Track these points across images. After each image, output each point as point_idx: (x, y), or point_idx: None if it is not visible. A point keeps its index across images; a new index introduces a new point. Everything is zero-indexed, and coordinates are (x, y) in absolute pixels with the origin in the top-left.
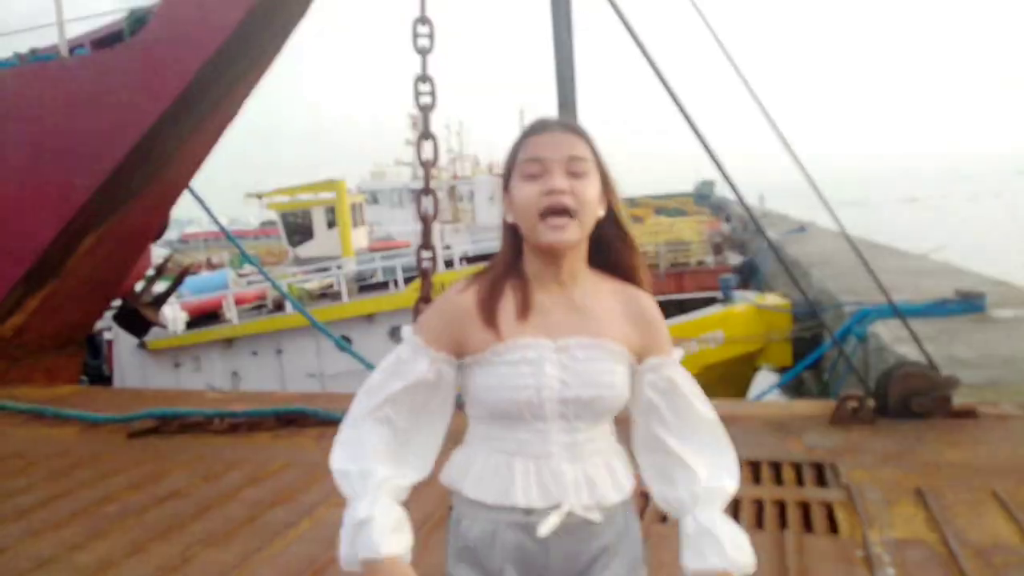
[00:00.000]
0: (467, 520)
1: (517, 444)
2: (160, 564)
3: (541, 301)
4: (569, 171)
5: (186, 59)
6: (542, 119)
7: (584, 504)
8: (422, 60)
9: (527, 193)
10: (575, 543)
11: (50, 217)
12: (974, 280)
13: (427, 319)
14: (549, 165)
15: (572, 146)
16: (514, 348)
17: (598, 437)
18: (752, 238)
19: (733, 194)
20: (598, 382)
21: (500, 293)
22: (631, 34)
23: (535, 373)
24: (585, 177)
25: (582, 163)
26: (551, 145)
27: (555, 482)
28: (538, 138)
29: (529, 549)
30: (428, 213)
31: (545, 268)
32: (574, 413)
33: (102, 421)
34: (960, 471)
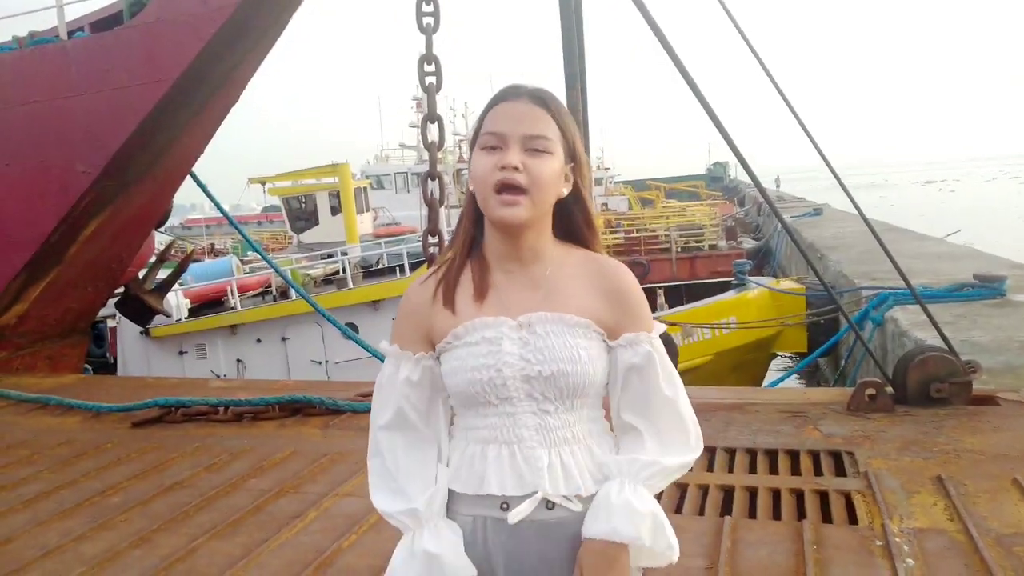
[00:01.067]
0: (450, 513)
1: (489, 431)
2: (166, 555)
3: (500, 280)
4: (527, 148)
5: (186, 41)
6: (513, 85)
7: (560, 492)
8: (427, 39)
9: (483, 165)
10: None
11: (52, 204)
12: (993, 263)
13: (397, 324)
14: (507, 140)
15: (534, 122)
16: (472, 329)
17: (575, 422)
18: (766, 222)
19: (747, 176)
20: (559, 357)
21: (457, 277)
22: (643, 13)
23: (495, 352)
24: (543, 155)
25: (542, 141)
26: (513, 119)
27: (529, 468)
28: (502, 107)
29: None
30: (434, 198)
31: (504, 244)
32: (540, 392)
33: (106, 410)
34: (980, 458)
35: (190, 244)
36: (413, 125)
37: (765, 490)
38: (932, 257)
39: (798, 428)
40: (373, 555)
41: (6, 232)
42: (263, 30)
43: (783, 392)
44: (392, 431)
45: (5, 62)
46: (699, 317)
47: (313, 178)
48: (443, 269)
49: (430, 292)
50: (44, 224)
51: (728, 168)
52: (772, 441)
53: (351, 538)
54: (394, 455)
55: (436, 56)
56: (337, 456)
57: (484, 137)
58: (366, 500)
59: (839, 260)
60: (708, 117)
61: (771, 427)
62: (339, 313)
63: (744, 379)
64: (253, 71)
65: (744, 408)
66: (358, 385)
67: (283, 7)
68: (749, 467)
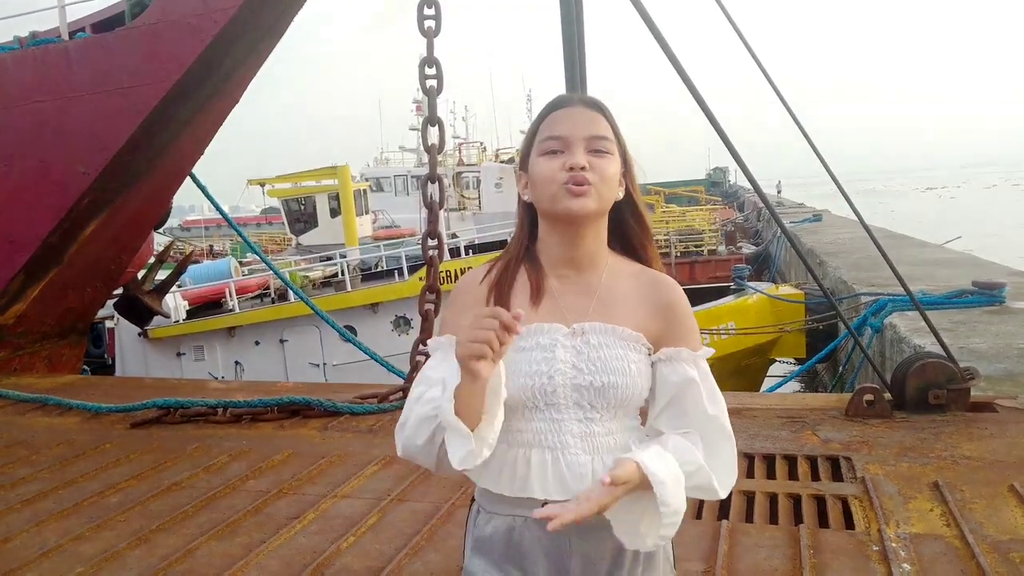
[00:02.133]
0: (485, 514)
1: (533, 435)
2: (164, 555)
3: (555, 285)
4: (590, 149)
5: (187, 42)
6: (564, 95)
7: None
8: (428, 43)
9: (548, 167)
10: (596, 542)
11: (51, 204)
12: (993, 271)
13: (450, 318)
14: (570, 142)
15: (594, 124)
16: (527, 334)
17: (618, 430)
18: (766, 227)
19: (747, 182)
20: (612, 368)
21: (513, 278)
22: (643, 17)
23: (548, 359)
24: (606, 156)
25: (603, 142)
26: (573, 122)
27: (572, 474)
28: (559, 113)
29: (546, 546)
30: (434, 200)
31: (562, 247)
32: (588, 401)
33: (105, 411)
34: (978, 465)
35: (189, 245)
36: (413, 128)
37: (762, 495)
38: (931, 264)
39: (796, 433)
40: (371, 557)
41: (6, 232)
42: (264, 32)
43: (781, 397)
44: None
45: (6, 62)
46: (698, 322)
47: (312, 180)
48: (497, 271)
49: (484, 292)
50: (43, 224)
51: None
52: (770, 446)
53: (349, 540)
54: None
55: (437, 59)
56: (335, 458)
57: (546, 143)
58: (364, 502)
59: (838, 266)
60: (708, 121)
61: (769, 432)
62: (338, 316)
63: (742, 384)
64: (254, 73)
65: (742, 413)
66: (357, 387)
67: (284, 9)
68: (747, 471)
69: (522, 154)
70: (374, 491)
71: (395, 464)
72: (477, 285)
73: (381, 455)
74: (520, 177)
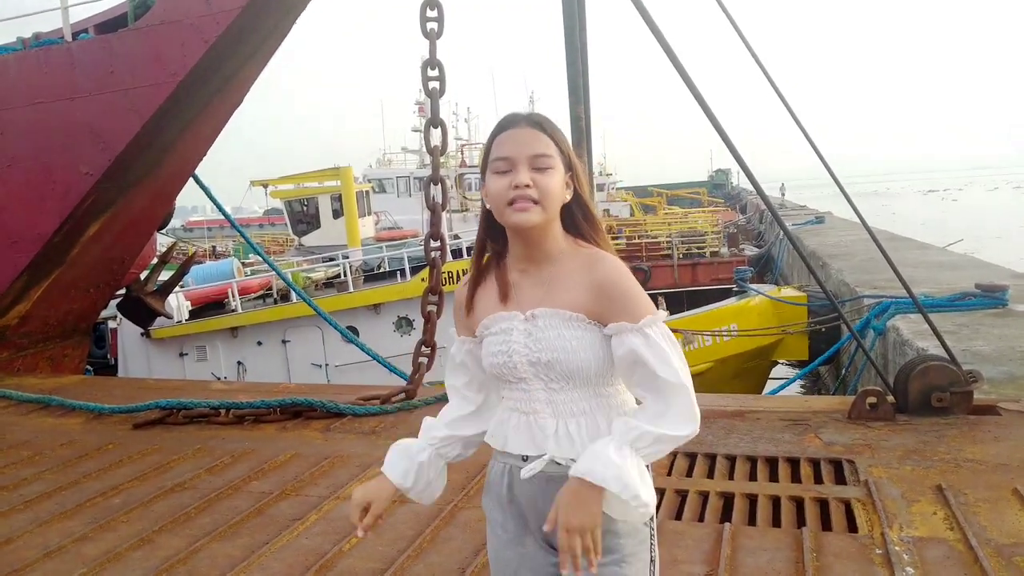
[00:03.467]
0: (491, 461)
1: (513, 402)
2: (167, 556)
3: (516, 279)
4: (533, 167)
5: (190, 44)
6: (510, 115)
7: (565, 455)
8: (431, 44)
9: (498, 186)
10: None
11: (54, 205)
12: (995, 273)
13: (454, 314)
14: (515, 162)
15: (536, 143)
16: (493, 322)
17: (581, 398)
18: (768, 229)
19: (749, 184)
20: (555, 346)
21: (484, 278)
22: (645, 19)
23: (506, 341)
24: (548, 171)
25: (545, 159)
26: (517, 144)
27: (540, 433)
28: (505, 136)
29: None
30: (436, 202)
31: (519, 247)
32: (544, 374)
33: (108, 412)
34: (981, 468)
35: (192, 246)
36: (416, 129)
37: (765, 497)
38: (934, 266)
39: (799, 436)
40: (374, 558)
41: (9, 232)
42: (267, 33)
43: (784, 400)
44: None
45: (10, 63)
46: (700, 324)
47: (315, 181)
48: (472, 273)
49: (465, 295)
50: (47, 225)
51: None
52: (773, 449)
53: (352, 541)
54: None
55: (440, 61)
56: (338, 459)
57: (495, 163)
58: None
59: (841, 268)
60: (710, 123)
61: (772, 435)
62: (340, 316)
63: (745, 386)
64: (257, 74)
65: (745, 415)
66: (359, 388)
67: (287, 10)
68: (749, 474)
69: (480, 170)
70: None
71: None
72: (462, 288)
73: (383, 456)
74: (483, 188)
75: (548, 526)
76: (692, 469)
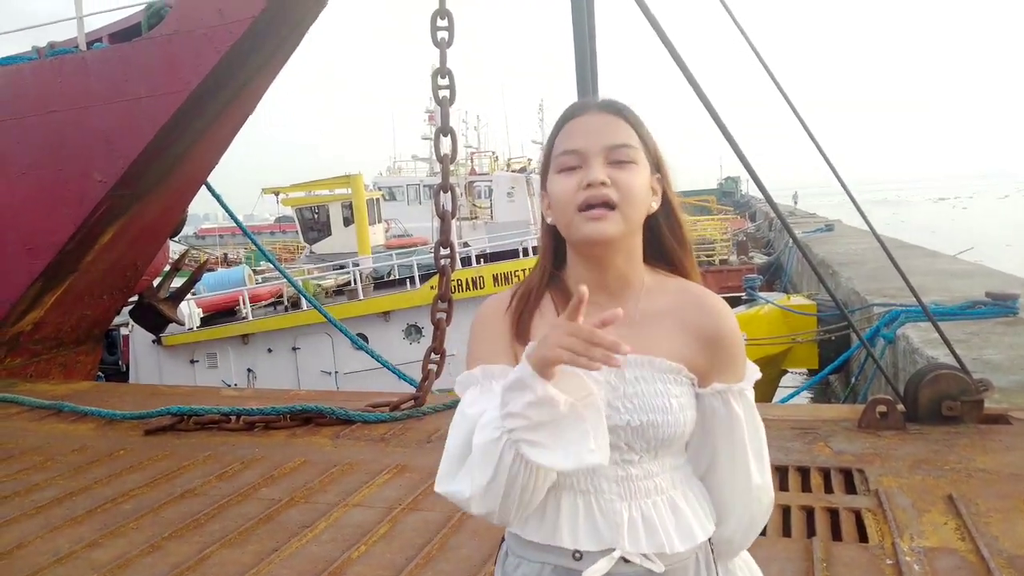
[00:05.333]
0: (514, 557)
1: (563, 478)
2: (176, 562)
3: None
4: (610, 160)
5: (204, 53)
6: (580, 101)
7: (641, 550)
8: (441, 53)
9: (564, 187)
10: None
11: (68, 212)
12: (1006, 281)
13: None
14: (587, 155)
15: (614, 132)
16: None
17: (659, 472)
18: (777, 237)
19: (758, 191)
20: (651, 406)
21: (535, 307)
22: (655, 27)
23: None
24: (630, 166)
25: (626, 150)
26: (589, 132)
27: (607, 523)
28: (574, 123)
29: None
30: (446, 210)
31: (589, 272)
32: (625, 442)
33: (119, 418)
34: (992, 478)
35: (204, 253)
36: (426, 137)
37: (775, 506)
38: (944, 274)
39: (808, 445)
40: (382, 566)
41: (23, 240)
42: (279, 43)
43: (794, 408)
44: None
45: (25, 72)
46: None
47: (326, 189)
48: (519, 299)
49: (508, 323)
50: (61, 232)
51: (739, 183)
52: (782, 457)
53: (360, 548)
54: None
55: (450, 70)
56: (347, 467)
57: (560, 159)
58: (376, 510)
59: (850, 277)
60: (720, 131)
61: (781, 443)
62: (350, 324)
63: (754, 395)
64: (269, 83)
65: None
66: (368, 396)
67: (299, 21)
68: None
69: (541, 172)
70: (386, 500)
71: (406, 473)
72: (501, 315)
73: (393, 463)
74: (543, 197)
75: None
76: None
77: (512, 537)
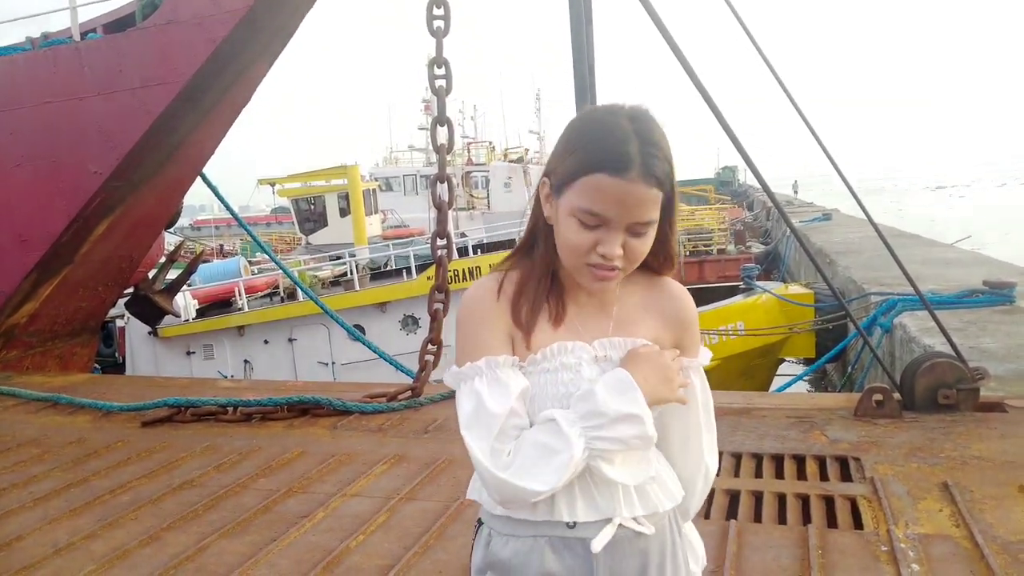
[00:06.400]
0: (500, 537)
1: None
2: (174, 553)
3: (573, 304)
4: (630, 232)
5: (198, 43)
6: (623, 152)
7: (636, 516)
8: (437, 43)
9: (579, 240)
10: (621, 559)
11: (63, 204)
12: (1003, 270)
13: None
14: (611, 224)
15: (645, 208)
16: (551, 355)
17: None
18: (775, 226)
19: (756, 181)
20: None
21: (532, 295)
22: (652, 17)
23: (575, 379)
24: (644, 236)
25: (646, 227)
26: (622, 205)
27: (602, 494)
28: (612, 185)
29: (571, 566)
30: (443, 200)
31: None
32: None
33: (116, 410)
34: (988, 465)
35: (199, 245)
36: (422, 127)
37: (771, 494)
38: (941, 263)
39: (805, 433)
40: (381, 555)
41: (18, 231)
42: (274, 32)
43: (790, 397)
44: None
45: (18, 63)
46: (707, 322)
47: (322, 180)
48: (514, 283)
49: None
50: (55, 224)
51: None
52: (778, 446)
53: (359, 538)
54: None
55: (446, 59)
56: (345, 457)
57: (584, 214)
58: (374, 500)
59: (848, 266)
60: (717, 121)
61: (778, 432)
62: (346, 315)
63: (751, 384)
64: (264, 73)
65: (751, 412)
66: (366, 386)
67: (294, 9)
68: (755, 471)
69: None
70: (383, 490)
71: (404, 463)
72: (493, 303)
73: (390, 454)
74: (548, 199)
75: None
76: None
77: (496, 519)
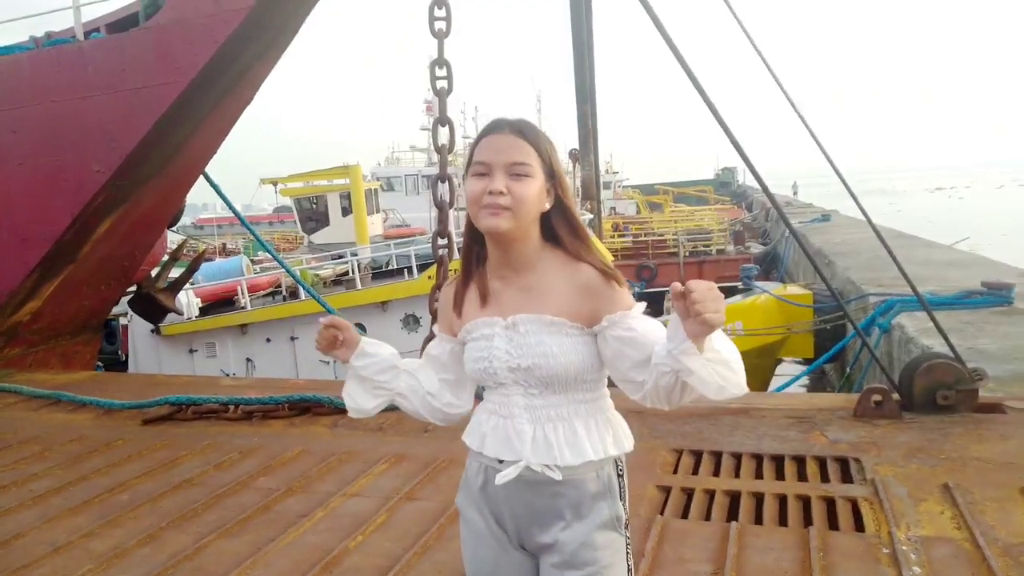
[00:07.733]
0: (468, 459)
1: (493, 405)
2: (174, 552)
3: (497, 286)
4: (510, 173)
5: (201, 42)
6: (495, 121)
7: (541, 462)
8: (439, 44)
9: (473, 189)
10: (534, 495)
11: (66, 202)
12: (1001, 271)
13: (439, 312)
14: (492, 167)
15: (515, 151)
16: (475, 328)
17: (560, 403)
18: (774, 227)
19: (755, 182)
20: (535, 352)
21: (466, 284)
22: (652, 17)
23: (488, 347)
24: (524, 179)
25: (522, 167)
26: (495, 149)
27: (517, 439)
28: (486, 140)
29: (503, 491)
30: (444, 200)
31: (498, 253)
32: (523, 380)
33: (118, 407)
34: (987, 466)
35: (202, 243)
36: (424, 128)
37: (771, 496)
38: (940, 264)
39: (804, 434)
40: (380, 555)
41: (21, 230)
42: (277, 32)
43: (789, 397)
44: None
45: (22, 61)
46: None
47: (324, 179)
48: (457, 279)
49: (451, 295)
50: (58, 222)
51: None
52: (778, 446)
53: (358, 538)
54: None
55: (447, 60)
56: (345, 456)
57: (474, 166)
58: (373, 500)
59: (847, 266)
60: (716, 122)
61: (777, 432)
62: (348, 313)
63: (750, 384)
64: (267, 72)
65: (750, 413)
66: None
67: (297, 9)
68: (755, 472)
69: (464, 170)
70: (383, 489)
71: (404, 462)
72: (447, 289)
73: (390, 453)
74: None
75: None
76: (698, 467)
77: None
